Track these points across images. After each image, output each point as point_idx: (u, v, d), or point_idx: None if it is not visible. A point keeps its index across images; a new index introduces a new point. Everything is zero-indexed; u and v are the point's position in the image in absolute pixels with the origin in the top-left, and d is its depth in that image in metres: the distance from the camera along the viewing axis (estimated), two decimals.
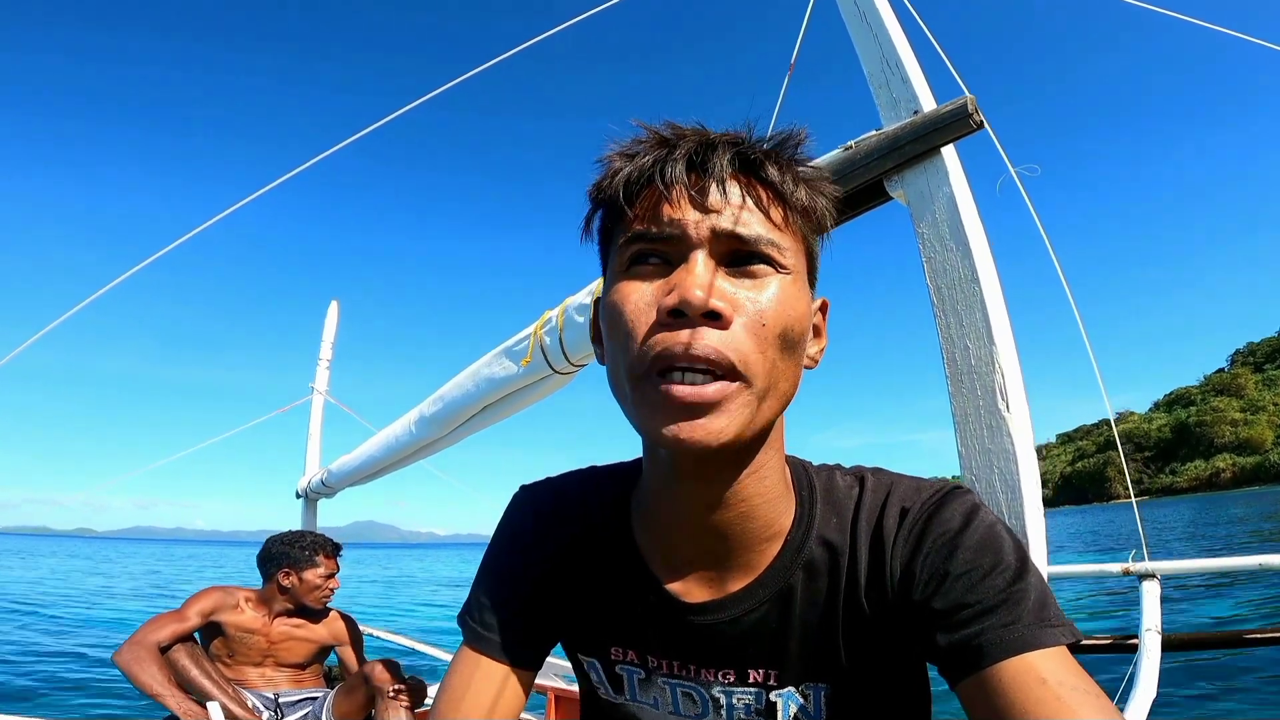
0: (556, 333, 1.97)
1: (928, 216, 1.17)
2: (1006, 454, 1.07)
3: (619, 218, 0.63)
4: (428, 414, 2.63)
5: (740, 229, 0.58)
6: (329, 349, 4.26)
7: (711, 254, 0.59)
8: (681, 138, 0.62)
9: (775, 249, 0.59)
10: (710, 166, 0.59)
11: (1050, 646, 0.57)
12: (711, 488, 0.65)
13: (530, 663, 0.79)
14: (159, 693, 2.28)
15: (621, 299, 0.60)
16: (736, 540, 0.68)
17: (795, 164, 0.64)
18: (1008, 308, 1.13)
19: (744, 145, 0.62)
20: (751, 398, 0.58)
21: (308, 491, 3.84)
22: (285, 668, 2.70)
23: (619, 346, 0.60)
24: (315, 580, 2.69)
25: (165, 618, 2.48)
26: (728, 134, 0.63)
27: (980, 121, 1.13)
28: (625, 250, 0.61)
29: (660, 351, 0.56)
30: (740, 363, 0.56)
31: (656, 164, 0.60)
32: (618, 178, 0.62)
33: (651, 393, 0.57)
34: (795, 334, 0.60)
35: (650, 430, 0.58)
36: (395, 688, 2.45)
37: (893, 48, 1.27)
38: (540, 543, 0.79)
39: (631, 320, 0.59)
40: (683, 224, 0.59)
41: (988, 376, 1.10)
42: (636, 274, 0.61)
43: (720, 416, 0.56)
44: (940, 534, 0.64)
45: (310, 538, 2.76)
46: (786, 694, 0.70)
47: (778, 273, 0.60)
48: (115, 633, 9.49)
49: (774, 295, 0.59)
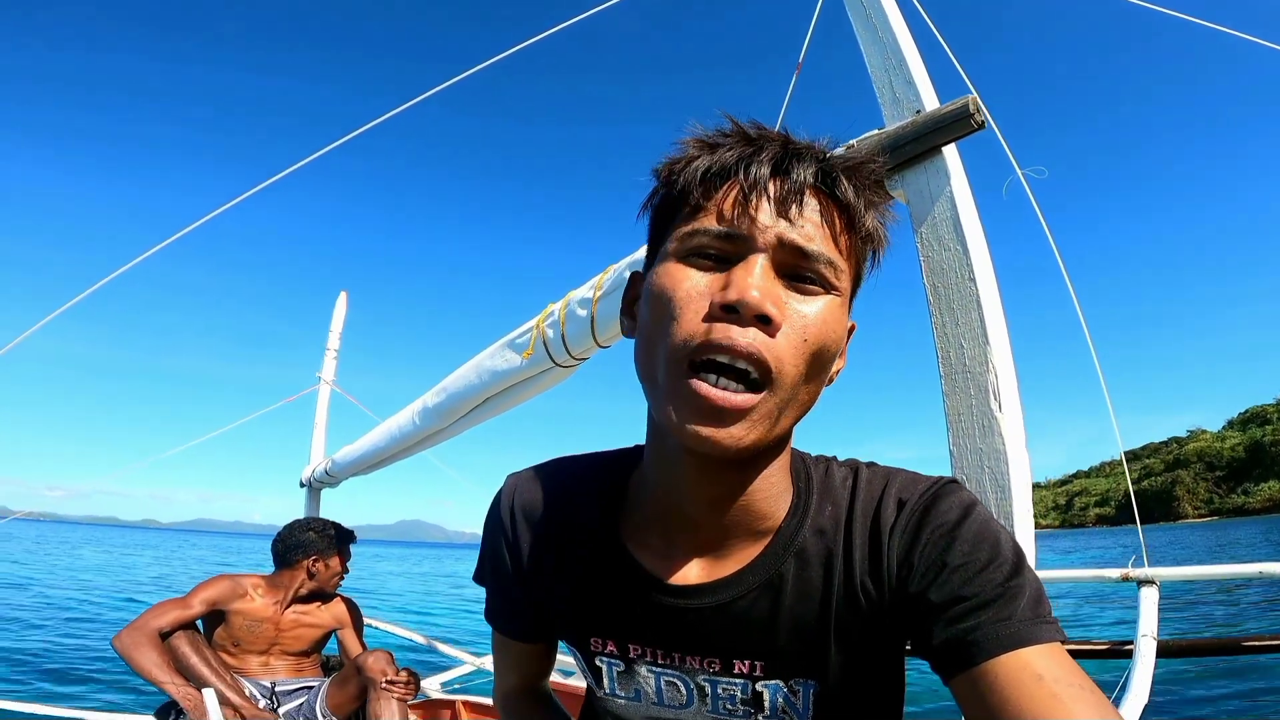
0: (559, 326, 1.98)
1: (927, 216, 1.18)
2: (998, 454, 1.07)
3: (686, 203, 0.63)
4: (431, 405, 2.65)
5: (806, 244, 0.59)
6: (337, 339, 4.29)
7: (772, 261, 0.59)
8: (767, 140, 0.62)
9: (832, 270, 0.60)
10: (793, 175, 0.60)
11: (1046, 643, 0.57)
12: (717, 484, 0.66)
13: (537, 638, 0.88)
14: (157, 677, 2.30)
15: (673, 282, 0.60)
16: (733, 529, 0.69)
17: (869, 189, 0.64)
18: (1004, 308, 1.14)
19: (827, 160, 0.62)
20: (774, 408, 0.58)
21: (312, 481, 3.87)
22: (289, 656, 2.72)
23: (660, 328, 0.60)
24: (338, 567, 2.82)
25: (168, 604, 2.50)
26: (811, 145, 0.63)
27: (982, 121, 1.13)
28: (688, 239, 0.61)
29: (705, 341, 0.57)
30: (777, 369, 0.57)
31: (741, 161, 0.61)
32: (695, 164, 0.62)
33: (684, 386, 0.58)
34: (829, 354, 0.61)
35: (674, 424, 0.59)
36: (388, 679, 2.47)
37: (897, 48, 1.28)
38: (520, 531, 0.80)
39: (682, 304, 0.59)
40: (754, 226, 0.59)
41: (981, 376, 1.10)
42: (692, 263, 0.61)
43: (743, 425, 0.57)
44: (938, 525, 0.65)
45: (333, 527, 2.86)
46: (773, 685, 0.70)
47: (828, 293, 0.61)
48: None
49: (820, 313, 0.60)
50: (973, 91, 1.18)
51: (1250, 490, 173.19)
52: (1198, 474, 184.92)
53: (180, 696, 2.29)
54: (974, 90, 1.21)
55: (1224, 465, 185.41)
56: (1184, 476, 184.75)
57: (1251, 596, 9.97)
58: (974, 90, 1.21)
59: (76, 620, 10.48)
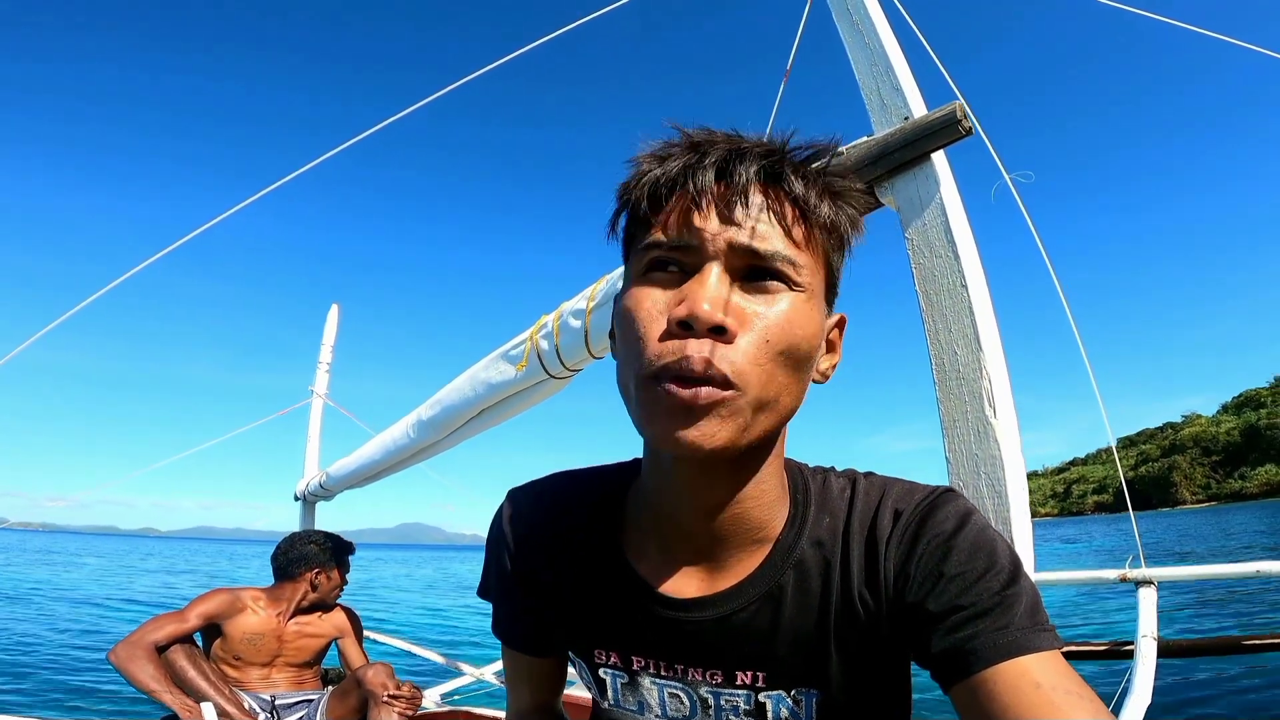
0: (552, 338, 1.97)
1: (917, 222, 1.18)
2: (994, 459, 1.07)
3: (642, 221, 0.63)
4: (425, 418, 2.64)
5: (758, 244, 0.58)
6: (329, 352, 4.27)
7: (726, 267, 0.58)
8: (713, 144, 0.61)
9: (791, 267, 0.59)
10: (736, 176, 0.59)
11: (1044, 650, 0.57)
12: (709, 491, 0.65)
13: (546, 652, 0.86)
14: (155, 690, 2.28)
15: (635, 304, 0.61)
16: (729, 540, 0.69)
17: (826, 175, 0.63)
18: (996, 314, 1.14)
19: (774, 155, 0.61)
20: (744, 406, 0.58)
21: (306, 494, 3.85)
22: (290, 668, 2.70)
23: (629, 350, 0.61)
24: (340, 579, 2.82)
25: (165, 618, 2.47)
26: (760, 142, 0.62)
27: (970, 128, 1.13)
28: (644, 256, 0.61)
29: (665, 362, 0.57)
30: (735, 374, 0.56)
31: (685, 170, 0.60)
32: (644, 180, 0.61)
33: (651, 395, 0.58)
34: (801, 352, 0.60)
35: (647, 431, 0.59)
36: (389, 693, 2.44)
37: (885, 55, 1.28)
38: (522, 545, 0.80)
39: (643, 326, 0.59)
40: (701, 235, 0.58)
41: (975, 382, 1.10)
42: (653, 280, 0.61)
43: (710, 421, 0.57)
44: (934, 535, 0.64)
45: (333, 539, 2.86)
46: (776, 696, 0.70)
47: (791, 290, 0.60)
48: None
49: (783, 312, 0.59)
50: (959, 98, 1.19)
51: (1247, 475, 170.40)
52: (1194, 459, 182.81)
53: (179, 708, 2.26)
54: (960, 96, 1.21)
55: (1220, 450, 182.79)
56: (1180, 462, 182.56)
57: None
58: (960, 96, 1.21)
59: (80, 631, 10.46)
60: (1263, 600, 8.91)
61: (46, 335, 2.55)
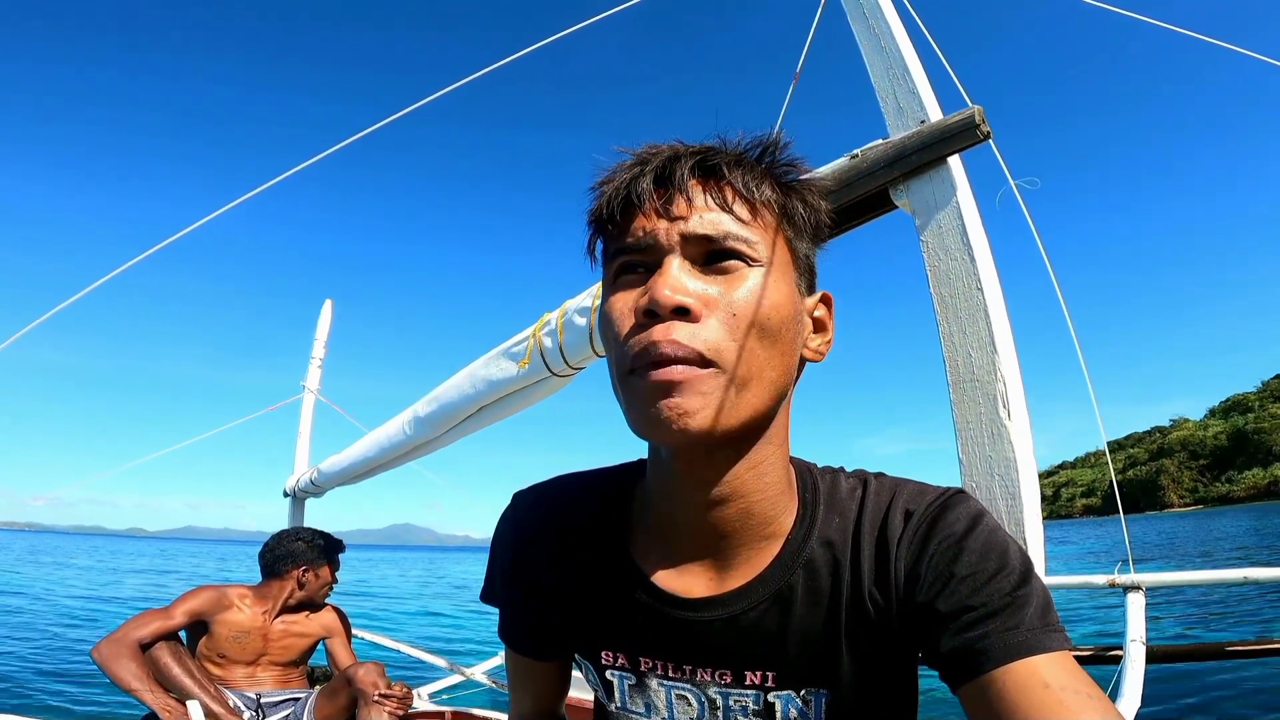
0: (555, 335, 1.97)
1: (932, 225, 1.19)
2: (1007, 461, 1.08)
3: (610, 238, 0.67)
4: (422, 414, 2.62)
5: (706, 230, 0.62)
6: (321, 347, 4.24)
7: (685, 257, 0.62)
8: (656, 155, 0.66)
9: (744, 243, 0.62)
10: (674, 175, 0.63)
11: (1054, 651, 0.57)
12: (706, 477, 0.65)
13: (551, 656, 0.86)
14: (136, 688, 2.24)
15: (609, 308, 0.65)
16: (735, 538, 0.68)
17: (771, 166, 0.67)
18: (1010, 316, 1.15)
19: (708, 153, 0.65)
20: (724, 381, 0.59)
21: (296, 490, 3.81)
22: (276, 667, 2.67)
23: (611, 350, 0.65)
24: (329, 577, 2.79)
25: (149, 615, 2.44)
26: (698, 146, 0.67)
27: (988, 132, 1.14)
28: (611, 264, 0.66)
29: (637, 350, 0.60)
30: (709, 351, 0.59)
31: (632, 183, 0.65)
32: (600, 200, 0.66)
33: (631, 387, 0.61)
34: (773, 323, 0.62)
35: (631, 420, 0.62)
36: (380, 692, 2.42)
37: (900, 58, 1.29)
38: (528, 547, 0.81)
39: (618, 325, 0.63)
40: (654, 233, 0.63)
41: (990, 384, 1.11)
42: (623, 284, 0.65)
43: (690, 399, 0.58)
44: (945, 536, 0.65)
45: (322, 537, 2.83)
46: (785, 696, 0.70)
47: (750, 266, 0.63)
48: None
49: (746, 287, 0.62)
50: (968, 102, 1.20)
51: (1234, 478, 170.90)
52: (1182, 463, 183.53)
53: (159, 708, 2.23)
54: (970, 101, 1.22)
55: (1207, 454, 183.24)
56: (1168, 465, 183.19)
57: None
58: (970, 101, 1.22)
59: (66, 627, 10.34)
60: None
61: (35, 331, 2.50)
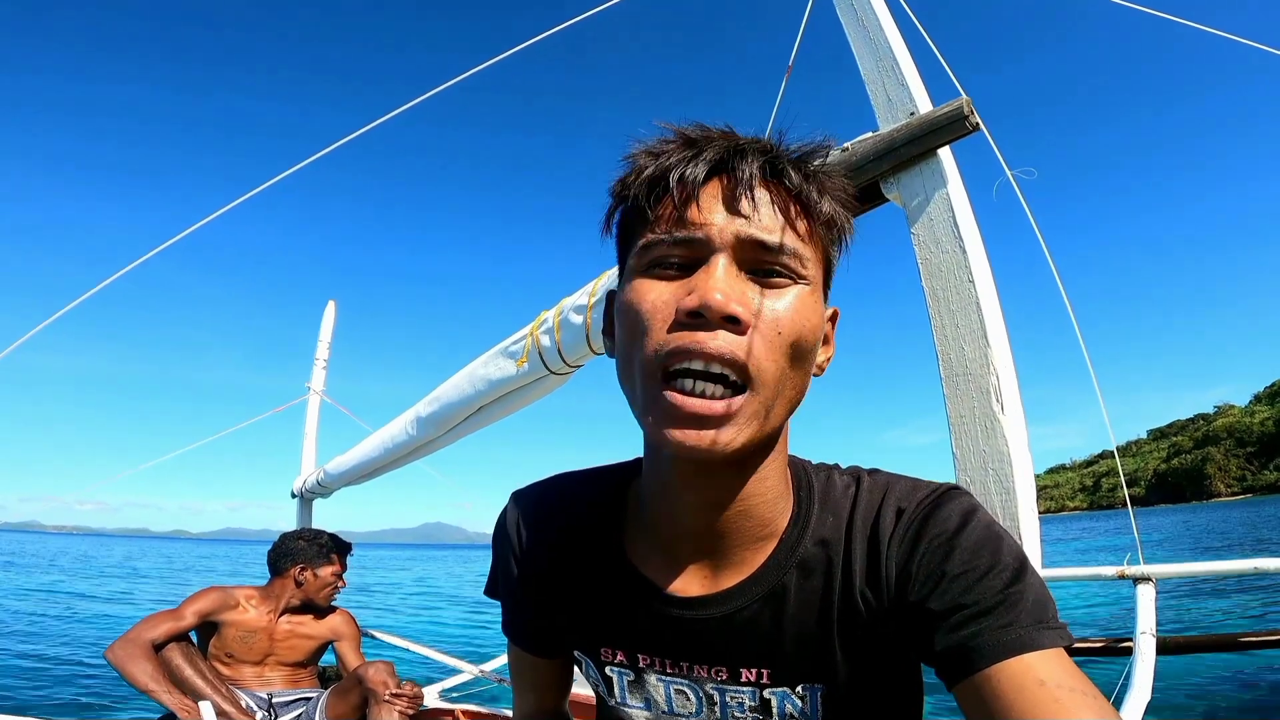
0: (553, 334, 1.97)
1: (923, 218, 1.18)
2: (1001, 456, 1.07)
3: (641, 217, 0.62)
4: (424, 414, 2.63)
5: (766, 237, 0.58)
6: (325, 349, 4.25)
7: (734, 259, 0.58)
8: (710, 140, 0.61)
9: (798, 260, 0.59)
10: (739, 171, 0.59)
11: (1048, 648, 0.56)
12: (713, 490, 0.65)
13: (554, 652, 0.86)
14: (152, 689, 2.26)
15: (639, 297, 0.60)
16: (732, 538, 0.68)
17: (822, 174, 0.63)
18: (1003, 309, 1.14)
19: (772, 152, 0.61)
20: (760, 408, 0.58)
21: (303, 491, 3.83)
22: (284, 667, 2.69)
23: (634, 343, 0.60)
24: (328, 577, 2.76)
25: (161, 616, 2.46)
26: (756, 140, 0.62)
27: (976, 123, 1.13)
28: (647, 251, 0.61)
29: (676, 348, 0.56)
30: (754, 369, 0.56)
31: (684, 164, 0.60)
32: (642, 176, 0.61)
33: (661, 398, 0.57)
34: (807, 345, 0.60)
35: (657, 435, 0.58)
36: (391, 691, 2.43)
37: (889, 50, 1.28)
38: (525, 547, 0.81)
39: (649, 317, 0.58)
40: (707, 227, 0.58)
41: (983, 378, 1.10)
42: (656, 274, 0.60)
43: (729, 430, 0.56)
44: (937, 534, 0.64)
45: (326, 536, 2.82)
46: (781, 692, 0.70)
47: (797, 283, 0.60)
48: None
49: (791, 305, 0.59)
50: (961, 93, 1.18)
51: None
52: (1228, 450, 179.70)
53: (176, 708, 2.25)
54: (963, 92, 1.21)
55: (1254, 441, 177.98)
56: (1214, 454, 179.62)
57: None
58: (963, 92, 1.21)
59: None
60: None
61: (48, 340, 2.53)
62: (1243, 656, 5.12)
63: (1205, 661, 5.16)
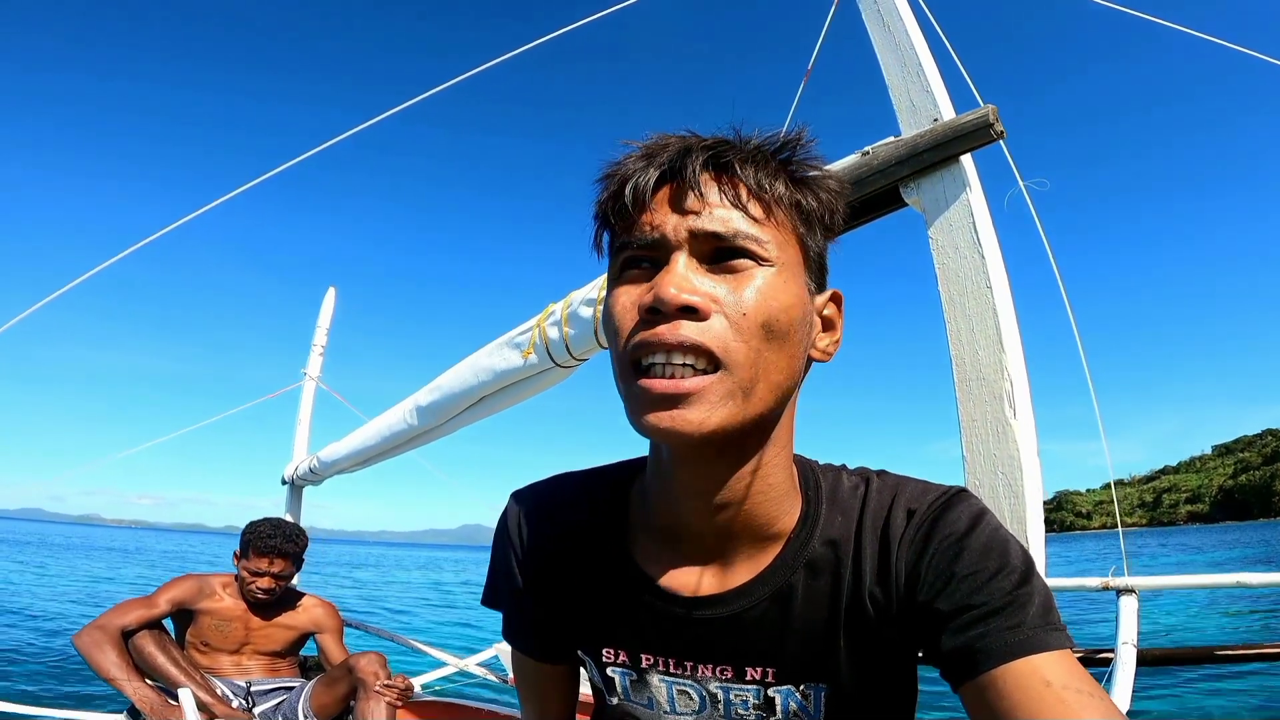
0: (560, 326, 1.97)
1: (942, 223, 1.19)
2: (1011, 460, 1.09)
3: (617, 232, 0.66)
4: (424, 403, 2.62)
5: (716, 227, 0.60)
6: (324, 335, 4.22)
7: (692, 254, 0.61)
8: (665, 148, 0.64)
9: (755, 242, 0.60)
10: (685, 171, 0.61)
11: (1055, 650, 0.57)
12: (708, 480, 0.65)
13: (558, 658, 0.85)
14: (115, 677, 2.23)
15: (612, 303, 0.64)
16: (738, 537, 0.69)
17: (786, 162, 0.65)
18: (1018, 316, 1.15)
19: (721, 148, 0.63)
20: (734, 387, 0.58)
21: (294, 478, 3.80)
22: (262, 656, 2.66)
23: (613, 345, 0.64)
24: (245, 575, 2.61)
25: (133, 603, 2.42)
26: (710, 139, 0.64)
27: (1001, 131, 1.14)
28: (616, 259, 0.65)
29: (639, 342, 0.59)
30: (720, 350, 0.58)
31: (636, 175, 0.63)
32: (607, 193, 0.65)
33: (635, 387, 0.60)
34: (781, 325, 0.61)
35: (634, 421, 0.60)
36: (382, 682, 2.42)
37: (914, 56, 1.29)
38: (528, 547, 0.81)
39: (619, 321, 0.62)
40: (661, 229, 0.61)
41: (996, 383, 1.11)
42: (627, 279, 0.63)
43: (699, 407, 0.57)
44: (946, 535, 0.65)
45: (266, 529, 2.63)
46: (785, 691, 0.71)
47: (760, 265, 0.61)
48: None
49: (756, 287, 0.60)
50: (980, 101, 1.20)
51: None
52: None
53: (137, 699, 2.22)
54: (981, 100, 1.23)
55: None
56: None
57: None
58: (981, 100, 1.23)
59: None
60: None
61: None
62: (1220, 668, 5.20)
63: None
